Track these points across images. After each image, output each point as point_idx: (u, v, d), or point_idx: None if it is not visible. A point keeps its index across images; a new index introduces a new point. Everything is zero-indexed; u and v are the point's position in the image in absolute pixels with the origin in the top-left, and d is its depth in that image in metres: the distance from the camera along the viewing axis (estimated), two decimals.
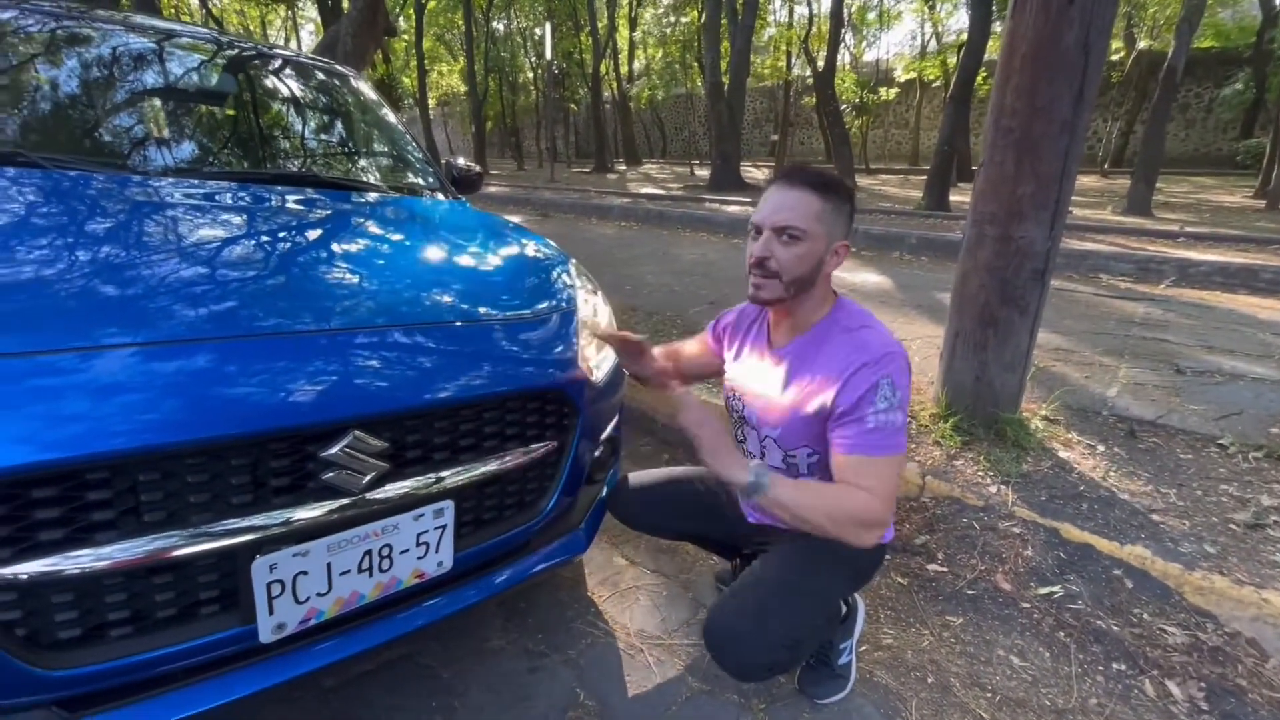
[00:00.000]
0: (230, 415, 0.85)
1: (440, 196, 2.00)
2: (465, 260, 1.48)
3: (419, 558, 1.05)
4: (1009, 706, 1.30)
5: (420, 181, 2.04)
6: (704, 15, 13.67)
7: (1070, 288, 4.65)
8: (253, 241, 1.24)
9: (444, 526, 1.07)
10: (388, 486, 0.99)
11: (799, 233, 1.05)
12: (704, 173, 15.32)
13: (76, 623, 0.80)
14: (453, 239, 1.58)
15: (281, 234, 1.32)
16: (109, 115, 1.59)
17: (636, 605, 1.59)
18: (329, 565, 0.94)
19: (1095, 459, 2.06)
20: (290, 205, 1.48)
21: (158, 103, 1.71)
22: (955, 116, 8.14)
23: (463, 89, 25.02)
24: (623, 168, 22.22)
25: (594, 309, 1.50)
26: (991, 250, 2.04)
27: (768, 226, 1.08)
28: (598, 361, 1.38)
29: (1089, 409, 2.41)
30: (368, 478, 0.96)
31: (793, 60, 22.53)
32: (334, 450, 0.93)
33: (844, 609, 1.35)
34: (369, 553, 0.98)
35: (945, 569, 1.68)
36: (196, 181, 1.48)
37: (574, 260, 1.68)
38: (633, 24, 25.34)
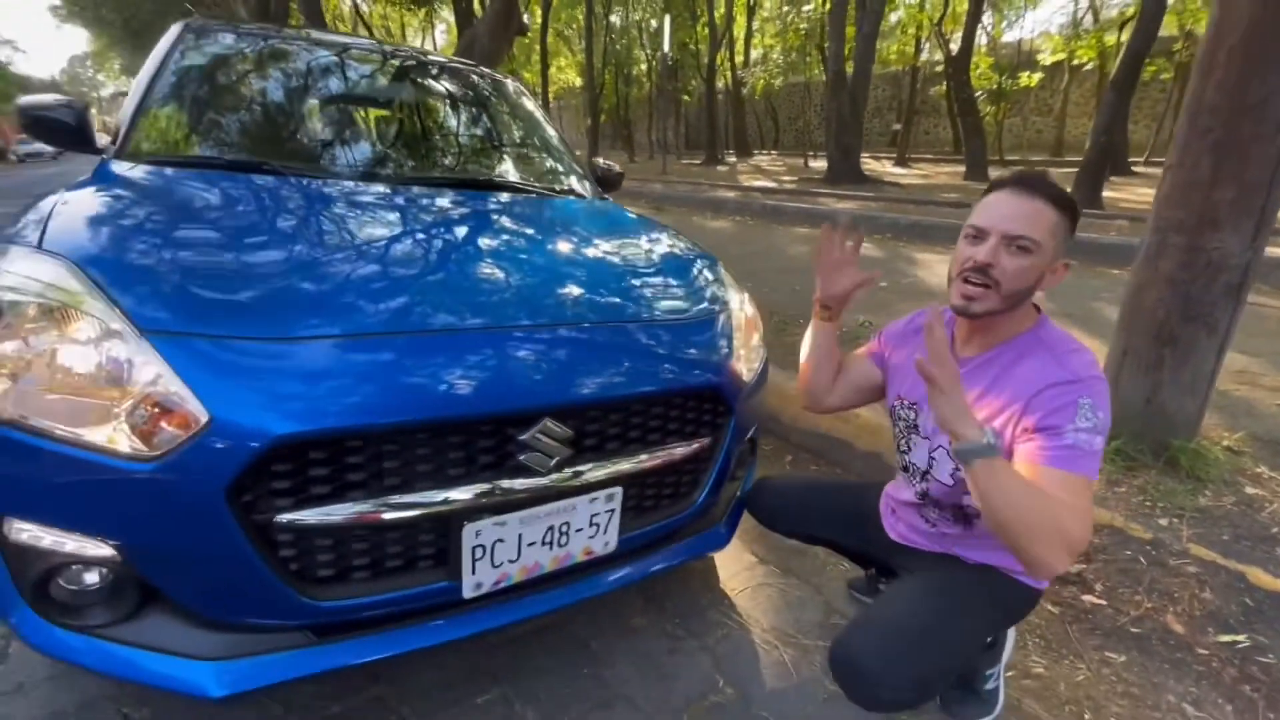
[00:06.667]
0: (450, 400, 0.97)
1: (587, 195, 2.12)
2: (626, 261, 1.56)
3: (590, 537, 1.14)
4: None
5: (574, 183, 2.17)
6: (830, 2, 13.14)
7: (1261, 301, 4.08)
8: (463, 249, 1.40)
9: (613, 510, 1.16)
10: (569, 470, 1.09)
11: (1032, 245, 1.02)
12: (818, 165, 14.82)
13: (330, 564, 0.96)
14: (614, 240, 1.67)
15: (486, 240, 1.48)
16: (299, 124, 1.85)
17: (768, 603, 1.62)
18: (520, 536, 1.06)
19: None
20: (488, 212, 1.67)
21: (344, 113, 1.95)
22: (1117, 103, 7.33)
23: (577, 82, 25.72)
24: (733, 159, 21.93)
25: (741, 305, 1.55)
26: (1176, 261, 1.85)
27: (997, 233, 1.03)
28: (749, 361, 1.42)
29: None
30: (554, 460, 1.06)
31: (922, 44, 21.15)
32: (528, 434, 1.03)
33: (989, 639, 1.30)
34: (551, 528, 1.09)
35: (1104, 602, 1.58)
36: (396, 188, 1.67)
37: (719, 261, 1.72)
38: (750, 12, 24.88)
